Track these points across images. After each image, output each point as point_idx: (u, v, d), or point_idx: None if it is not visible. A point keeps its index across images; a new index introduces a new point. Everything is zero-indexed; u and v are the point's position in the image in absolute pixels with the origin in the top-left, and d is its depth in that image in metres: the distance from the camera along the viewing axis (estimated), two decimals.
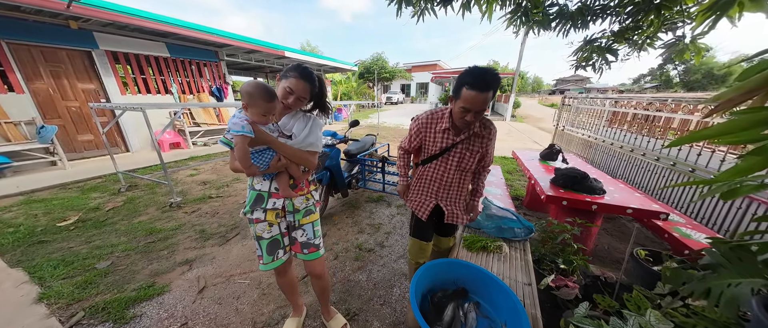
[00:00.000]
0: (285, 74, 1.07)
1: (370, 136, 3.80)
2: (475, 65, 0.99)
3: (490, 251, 1.38)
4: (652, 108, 3.27)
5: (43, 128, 4.02)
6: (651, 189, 2.94)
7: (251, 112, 0.96)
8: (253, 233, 1.15)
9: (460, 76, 1.01)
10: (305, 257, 1.21)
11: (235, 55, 7.61)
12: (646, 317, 0.95)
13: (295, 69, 1.06)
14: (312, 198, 1.22)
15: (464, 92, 0.97)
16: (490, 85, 0.94)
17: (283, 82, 1.06)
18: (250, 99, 0.94)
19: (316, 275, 1.30)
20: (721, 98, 0.62)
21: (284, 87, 1.05)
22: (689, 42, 2.12)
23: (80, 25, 4.42)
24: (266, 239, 1.14)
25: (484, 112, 1.03)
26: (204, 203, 3.14)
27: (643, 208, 1.55)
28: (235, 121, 0.95)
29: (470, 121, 1.03)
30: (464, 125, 1.08)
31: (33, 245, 2.18)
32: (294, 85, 1.04)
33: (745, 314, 1.10)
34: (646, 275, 1.41)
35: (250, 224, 1.15)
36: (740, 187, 0.71)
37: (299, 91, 1.05)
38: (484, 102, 0.96)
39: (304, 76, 1.05)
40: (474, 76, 0.95)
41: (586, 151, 4.41)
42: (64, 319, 1.47)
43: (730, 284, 0.85)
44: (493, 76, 0.95)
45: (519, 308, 0.87)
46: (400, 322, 1.52)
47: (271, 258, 1.16)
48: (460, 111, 1.02)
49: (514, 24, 2.51)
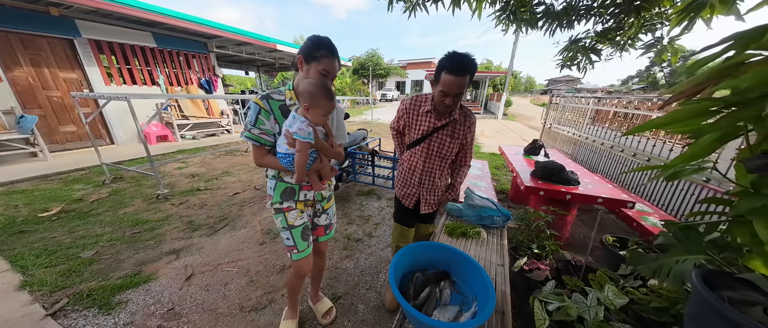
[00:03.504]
0: (311, 55, 0.91)
1: (362, 131, 3.83)
2: (453, 50, 1.03)
3: (470, 237, 1.46)
4: (631, 107, 3.42)
5: (22, 118, 3.88)
6: (628, 183, 3.09)
7: (313, 114, 0.88)
8: (283, 224, 1.09)
9: (439, 61, 1.06)
10: (325, 237, 1.29)
11: (225, 47, 7.46)
12: (604, 292, 1.04)
13: (324, 45, 0.91)
14: (332, 183, 1.27)
15: (443, 77, 1.03)
16: (467, 69, 1.00)
17: (315, 65, 0.91)
18: (313, 100, 0.86)
19: (324, 253, 1.39)
20: (675, 91, 0.69)
21: (319, 70, 0.91)
22: (667, 43, 2.23)
23: (61, 11, 4.27)
24: (299, 227, 1.10)
25: (462, 96, 1.08)
26: (192, 195, 3.13)
27: (612, 197, 1.66)
28: (300, 126, 0.86)
29: (449, 104, 1.08)
30: (444, 109, 1.13)
31: (13, 235, 2.14)
32: (330, 67, 0.92)
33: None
34: (613, 259, 1.52)
35: (277, 215, 1.09)
36: (682, 171, 0.79)
37: (334, 72, 0.93)
38: (461, 85, 1.01)
39: (335, 52, 0.93)
40: (452, 61, 1.00)
41: (572, 148, 4.56)
42: (48, 305, 1.47)
43: (678, 261, 0.93)
44: (471, 61, 1.01)
45: (488, 283, 0.94)
46: (381, 305, 1.58)
47: (306, 244, 1.13)
48: (440, 95, 1.07)
49: (502, 22, 2.58)
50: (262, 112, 0.95)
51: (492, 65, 24.82)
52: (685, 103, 0.67)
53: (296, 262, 1.15)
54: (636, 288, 1.27)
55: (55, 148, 4.56)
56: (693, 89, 0.65)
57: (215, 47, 6.88)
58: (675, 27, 1.71)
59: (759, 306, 0.67)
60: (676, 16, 1.54)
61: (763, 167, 0.59)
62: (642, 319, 1.11)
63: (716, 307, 0.65)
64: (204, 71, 6.69)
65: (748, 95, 0.58)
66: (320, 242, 1.30)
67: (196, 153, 4.90)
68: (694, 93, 0.65)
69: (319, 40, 0.93)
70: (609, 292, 1.05)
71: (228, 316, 1.48)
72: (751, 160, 0.61)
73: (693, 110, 0.64)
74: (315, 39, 0.94)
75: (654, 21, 2.33)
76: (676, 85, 0.70)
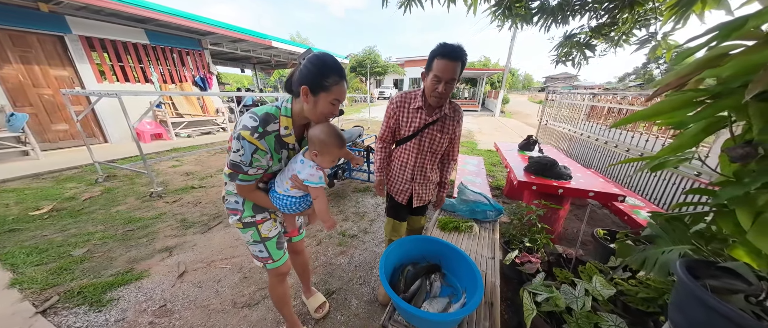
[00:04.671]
0: (319, 85, 0.79)
1: (358, 128, 3.82)
2: (444, 41, 1.07)
3: (462, 231, 1.46)
4: (625, 103, 3.44)
5: (12, 116, 3.82)
6: (622, 178, 3.11)
7: (323, 160, 0.86)
8: (255, 238, 1.00)
9: (432, 50, 1.09)
10: (299, 237, 1.27)
11: (219, 44, 7.38)
12: (592, 283, 1.05)
13: (333, 71, 0.79)
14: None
15: (436, 63, 1.06)
16: (459, 56, 1.04)
17: (324, 95, 0.80)
18: (325, 148, 0.84)
19: (301, 251, 1.36)
20: (661, 83, 0.69)
21: (330, 101, 0.81)
22: (661, 39, 2.24)
23: (51, 8, 4.19)
24: (273, 237, 1.03)
25: (454, 84, 1.10)
26: (186, 193, 3.11)
27: (602, 191, 1.67)
28: (311, 172, 0.85)
29: (442, 92, 1.09)
30: (436, 98, 1.13)
31: (4, 234, 2.12)
32: (341, 94, 0.82)
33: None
34: (604, 252, 1.53)
35: (245, 230, 0.99)
36: (665, 162, 0.80)
37: (344, 97, 0.84)
38: (453, 71, 1.04)
39: (344, 73, 0.82)
40: (444, 48, 1.05)
41: (568, 145, 4.59)
42: (38, 303, 1.46)
43: (664, 251, 0.94)
44: (462, 49, 1.05)
45: (476, 275, 0.94)
46: (375, 299, 1.59)
47: (281, 252, 1.07)
48: (433, 82, 1.09)
49: (498, 18, 2.57)
50: (259, 152, 0.82)
51: (489, 62, 24.80)
52: (668, 94, 0.68)
53: (272, 270, 1.07)
54: (625, 280, 1.29)
55: (47, 147, 4.50)
56: (679, 81, 0.65)
57: (209, 44, 6.80)
58: (667, 22, 1.71)
59: (741, 294, 0.67)
60: (668, 11, 1.54)
61: (745, 156, 0.59)
62: (630, 309, 1.13)
63: (698, 295, 0.66)
64: (198, 69, 6.62)
65: (731, 84, 0.58)
66: (295, 242, 1.28)
67: (191, 151, 4.87)
68: (680, 85, 0.65)
69: (326, 65, 0.80)
70: (597, 283, 1.06)
71: (220, 312, 1.48)
72: (732, 149, 0.62)
73: (677, 102, 0.64)
74: (320, 64, 0.80)
75: (648, 16, 2.34)
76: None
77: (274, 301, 1.18)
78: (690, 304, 0.71)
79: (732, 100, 0.58)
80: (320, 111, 0.83)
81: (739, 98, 0.56)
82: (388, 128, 1.35)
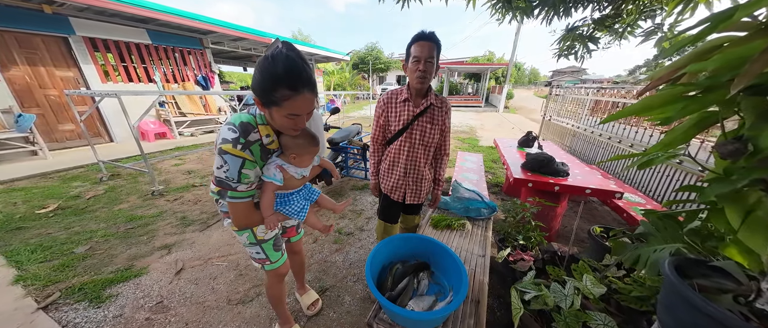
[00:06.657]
0: (268, 99, 0.68)
1: (356, 126, 3.81)
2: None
3: (454, 229, 1.45)
4: (629, 97, 3.35)
5: (20, 117, 3.92)
6: (624, 174, 3.05)
7: (300, 161, 0.88)
8: (251, 240, 0.98)
9: (408, 43, 1.16)
10: (297, 237, 1.27)
11: (220, 43, 7.41)
12: (583, 281, 1.03)
13: (281, 81, 0.66)
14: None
15: (413, 47, 1.14)
16: (432, 38, 1.11)
17: (275, 110, 0.70)
18: (298, 150, 0.85)
19: (299, 251, 1.37)
20: (653, 77, 0.66)
21: (284, 116, 0.71)
22: (667, 30, 2.15)
23: (55, 9, 4.25)
24: (269, 240, 1.02)
25: (433, 65, 1.13)
26: (187, 191, 3.15)
27: (599, 188, 1.63)
28: (273, 170, 0.84)
29: (424, 70, 1.12)
30: (420, 78, 1.15)
31: (10, 232, 2.18)
32: (297, 107, 0.70)
33: None
34: (599, 249, 1.50)
35: (241, 232, 0.97)
36: (655, 158, 0.77)
37: (306, 109, 0.72)
38: (430, 50, 1.10)
39: (302, 84, 0.68)
40: (417, 34, 1.14)
41: (571, 140, 4.50)
42: (40, 299, 1.51)
43: (656, 249, 0.92)
44: (433, 33, 1.12)
45: (462, 272, 0.93)
46: (368, 296, 1.59)
47: (279, 254, 1.07)
48: (413, 64, 1.14)
49: (497, 11, 2.51)
50: (247, 164, 0.76)
51: (493, 57, 24.40)
52: (660, 89, 0.65)
53: (270, 271, 1.07)
54: (620, 278, 1.26)
55: (54, 147, 4.61)
56: (671, 75, 0.62)
57: (211, 43, 6.84)
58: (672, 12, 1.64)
59: (730, 294, 0.65)
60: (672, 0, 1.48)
61: (734, 152, 0.57)
62: (623, 308, 1.11)
63: (684, 294, 0.64)
64: (200, 68, 6.68)
65: (720, 78, 0.55)
66: (293, 242, 1.28)
67: (194, 150, 4.93)
68: (673, 79, 0.63)
69: (273, 75, 0.65)
70: (587, 281, 1.04)
71: (215, 309, 1.50)
72: (722, 145, 0.59)
73: (667, 96, 0.62)
74: (266, 72, 0.65)
75: (653, 6, 2.25)
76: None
77: (269, 299, 1.20)
78: (677, 303, 0.69)
79: (719, 94, 0.56)
80: (279, 125, 0.75)
81: (724, 92, 0.54)
82: (379, 127, 1.34)
